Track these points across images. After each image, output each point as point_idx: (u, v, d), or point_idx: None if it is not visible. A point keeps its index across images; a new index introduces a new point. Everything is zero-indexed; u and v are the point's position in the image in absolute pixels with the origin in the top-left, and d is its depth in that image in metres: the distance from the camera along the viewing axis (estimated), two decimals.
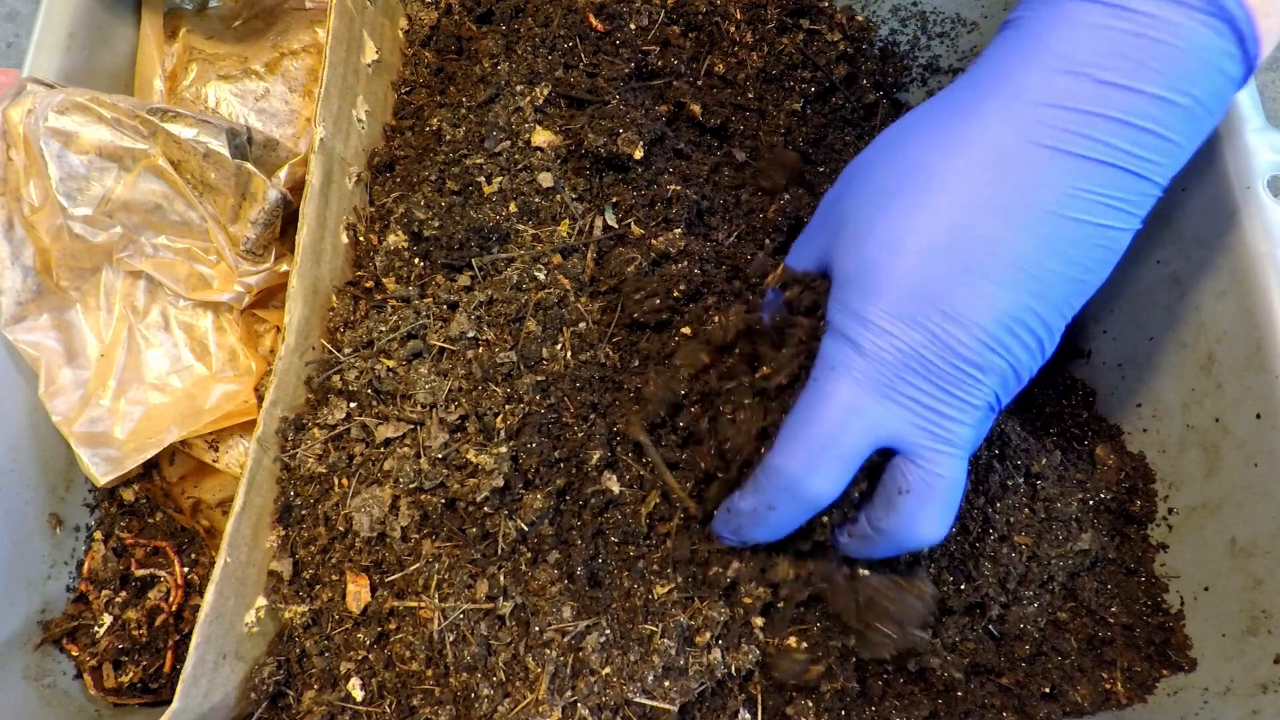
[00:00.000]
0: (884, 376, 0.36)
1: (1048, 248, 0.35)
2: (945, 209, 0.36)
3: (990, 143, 0.36)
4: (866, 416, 0.36)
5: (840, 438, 0.37)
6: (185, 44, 0.63)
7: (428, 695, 0.43)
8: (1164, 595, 0.52)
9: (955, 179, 0.36)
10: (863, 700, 0.46)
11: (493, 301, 0.48)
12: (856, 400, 0.36)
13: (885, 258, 0.36)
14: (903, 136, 0.39)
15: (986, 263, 0.35)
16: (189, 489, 0.58)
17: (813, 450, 0.37)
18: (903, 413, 0.36)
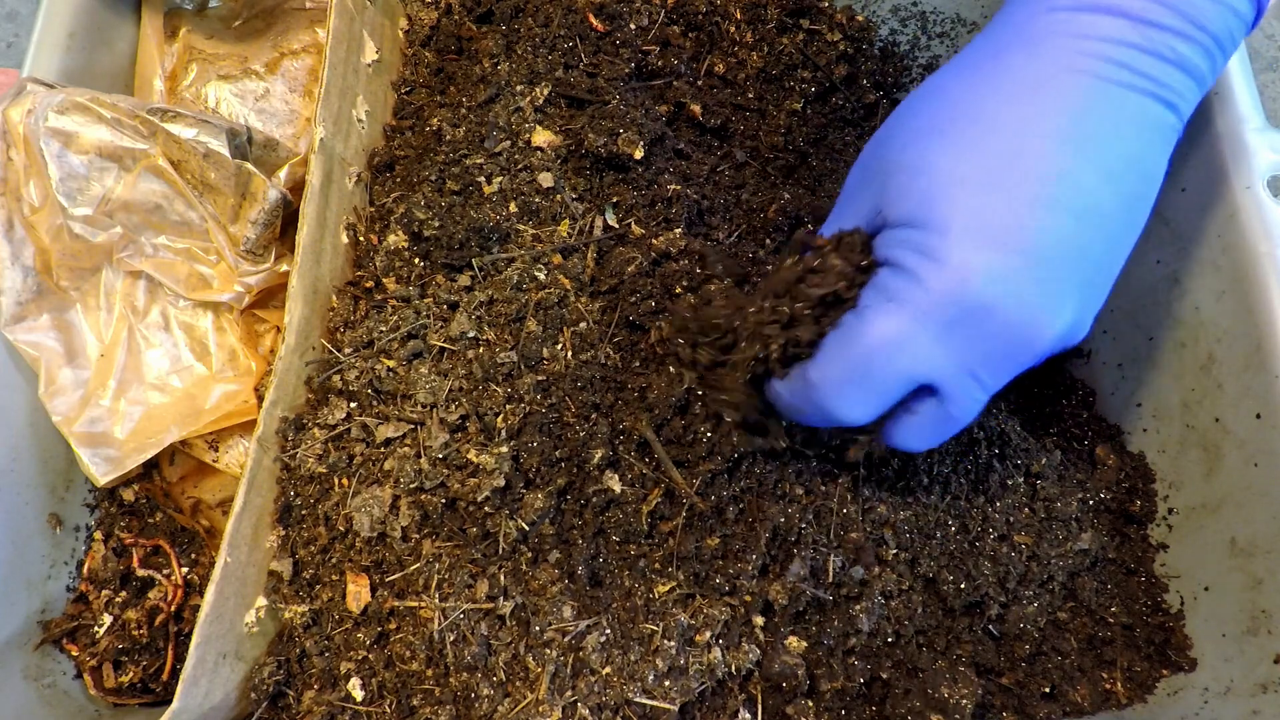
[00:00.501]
0: (945, 314, 0.35)
1: (1099, 173, 0.35)
2: (995, 137, 0.35)
3: (1030, 75, 0.36)
4: (914, 354, 0.35)
5: (881, 372, 0.36)
6: (185, 44, 0.63)
7: (428, 695, 0.43)
8: (1164, 595, 0.52)
9: (1000, 110, 0.36)
10: (863, 700, 0.46)
11: (493, 301, 0.48)
12: (908, 336, 0.35)
13: (944, 191, 0.35)
14: (940, 84, 0.39)
15: (1042, 189, 0.35)
16: (189, 489, 0.58)
17: (849, 379, 0.36)
18: (954, 355, 0.35)
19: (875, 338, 0.35)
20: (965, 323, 0.35)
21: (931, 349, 0.35)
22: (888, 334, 0.35)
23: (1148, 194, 0.37)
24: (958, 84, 0.38)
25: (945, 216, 0.35)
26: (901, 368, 0.36)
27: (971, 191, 0.35)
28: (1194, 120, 0.51)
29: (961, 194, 0.35)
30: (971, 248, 0.34)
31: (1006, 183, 0.35)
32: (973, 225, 0.35)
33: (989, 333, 0.35)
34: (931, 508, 0.48)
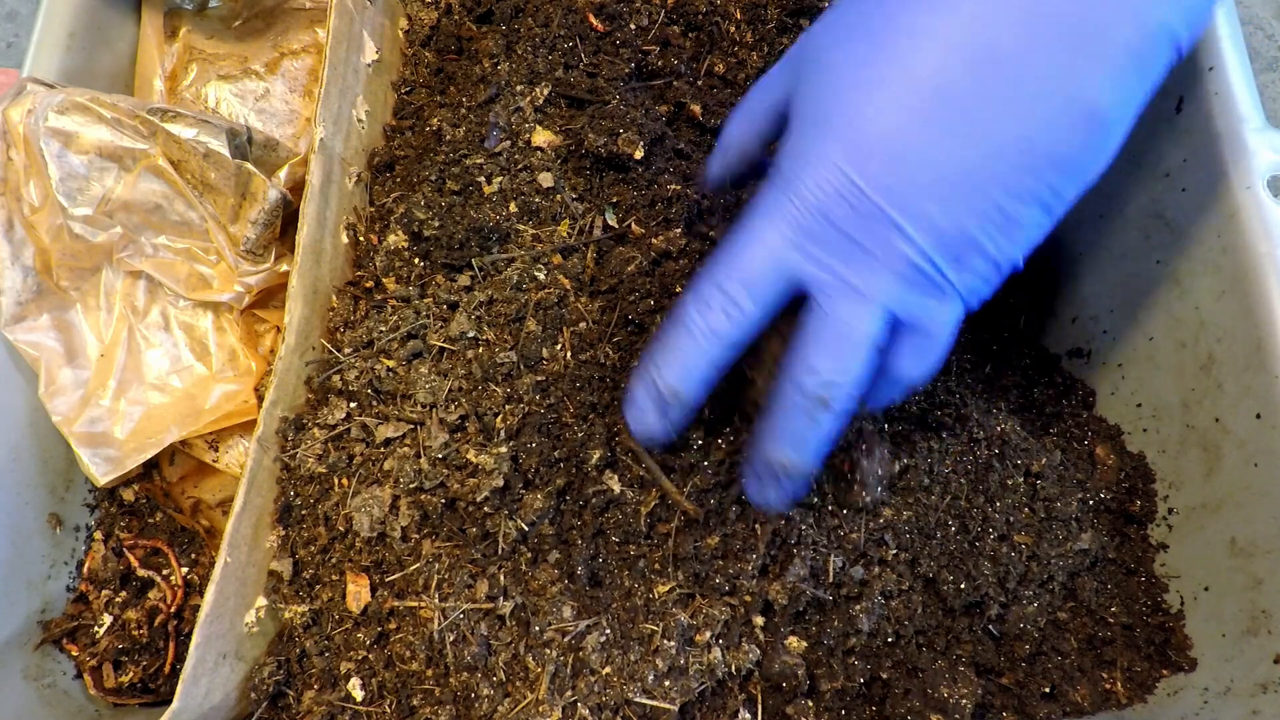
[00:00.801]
0: (802, 218, 0.35)
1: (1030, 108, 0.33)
2: (925, 59, 0.34)
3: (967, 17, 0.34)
4: (777, 254, 0.36)
5: (748, 266, 0.36)
6: (185, 44, 0.63)
7: (428, 695, 0.43)
8: (1164, 595, 0.52)
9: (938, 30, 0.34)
10: (863, 700, 0.46)
11: (493, 301, 0.48)
12: (771, 239, 0.36)
13: (850, 98, 0.35)
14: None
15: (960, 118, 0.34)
16: (189, 489, 0.58)
17: (722, 282, 0.37)
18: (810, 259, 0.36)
19: (744, 234, 0.37)
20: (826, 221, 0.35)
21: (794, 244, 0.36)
22: (755, 229, 0.36)
23: (1099, 137, 0.34)
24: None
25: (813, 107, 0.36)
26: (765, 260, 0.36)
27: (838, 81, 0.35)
28: (1194, 120, 0.51)
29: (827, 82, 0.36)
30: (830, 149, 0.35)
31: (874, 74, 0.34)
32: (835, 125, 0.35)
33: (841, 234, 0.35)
34: (931, 508, 0.48)
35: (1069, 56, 0.33)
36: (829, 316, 0.36)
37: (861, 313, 0.35)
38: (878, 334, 0.36)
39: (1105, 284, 0.59)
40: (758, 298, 0.37)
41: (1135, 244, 0.56)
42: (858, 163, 0.34)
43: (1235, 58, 0.50)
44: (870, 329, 0.36)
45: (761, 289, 0.37)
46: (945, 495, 0.48)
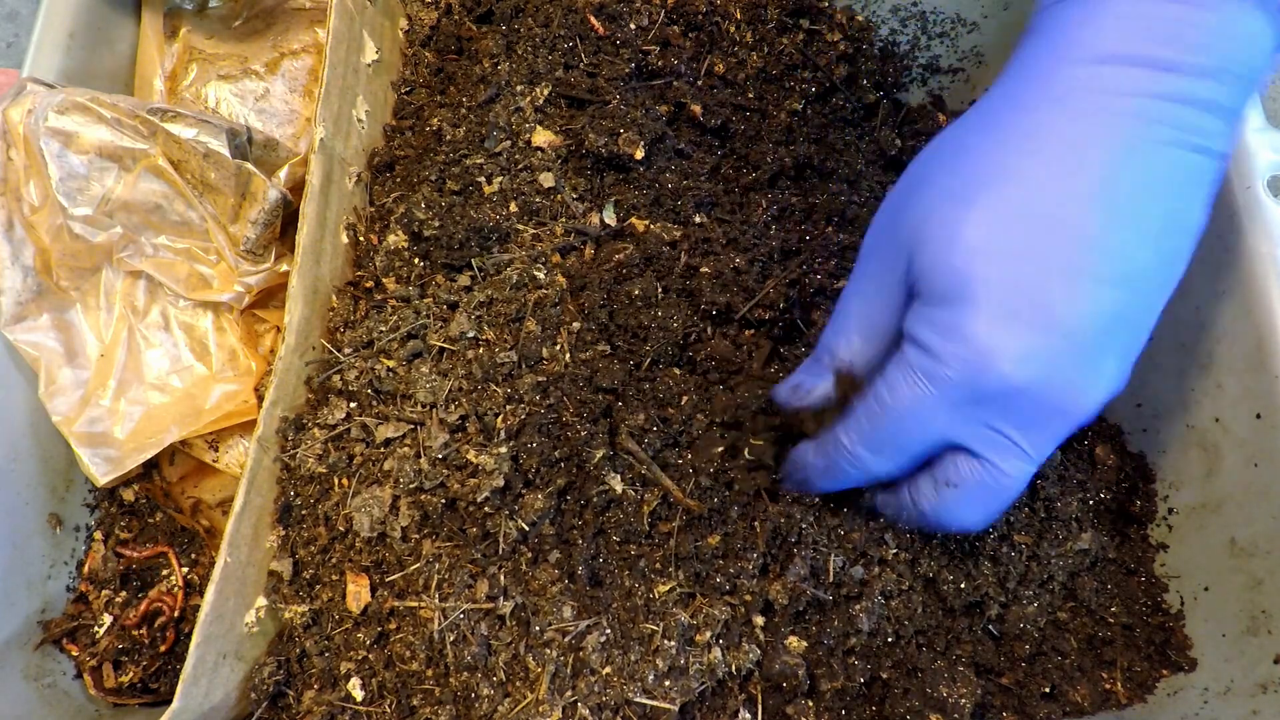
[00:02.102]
0: (970, 395, 0.35)
1: (1138, 236, 0.33)
2: (1026, 203, 0.34)
3: (1056, 134, 0.34)
4: (942, 428, 0.36)
5: (908, 439, 0.37)
6: (185, 44, 0.63)
7: (428, 695, 0.43)
8: (1164, 595, 0.52)
9: (1030, 172, 0.34)
10: (863, 700, 0.46)
11: (493, 301, 0.48)
12: (933, 412, 0.35)
13: (969, 265, 0.34)
14: (960, 141, 0.37)
15: (1079, 258, 0.33)
16: (189, 489, 0.58)
17: (878, 444, 0.37)
18: (984, 427, 0.36)
19: (903, 411, 0.36)
20: (993, 401, 0.35)
21: (959, 424, 0.36)
22: (914, 409, 0.36)
23: (1187, 247, 0.35)
24: (981, 142, 0.36)
25: (971, 293, 0.34)
26: (928, 436, 0.36)
27: (999, 265, 0.34)
28: None
29: (988, 268, 0.34)
30: (999, 327, 0.33)
31: (1038, 254, 0.33)
32: (1000, 302, 0.33)
33: (1020, 408, 0.35)
34: None
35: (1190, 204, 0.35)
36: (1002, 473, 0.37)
37: (1027, 470, 0.37)
38: None
39: None
40: (910, 458, 0.38)
41: None
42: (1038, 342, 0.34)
43: None
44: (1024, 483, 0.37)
45: (916, 451, 0.38)
46: None
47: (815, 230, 0.57)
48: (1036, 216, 0.34)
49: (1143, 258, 0.34)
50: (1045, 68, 0.36)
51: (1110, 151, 0.33)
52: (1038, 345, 0.33)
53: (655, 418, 0.46)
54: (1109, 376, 0.35)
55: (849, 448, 0.39)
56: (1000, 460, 0.36)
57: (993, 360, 0.33)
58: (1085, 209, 0.33)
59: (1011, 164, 0.35)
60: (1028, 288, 0.33)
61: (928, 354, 0.35)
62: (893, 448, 0.37)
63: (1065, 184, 0.34)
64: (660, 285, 0.49)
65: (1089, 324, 0.33)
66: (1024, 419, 0.35)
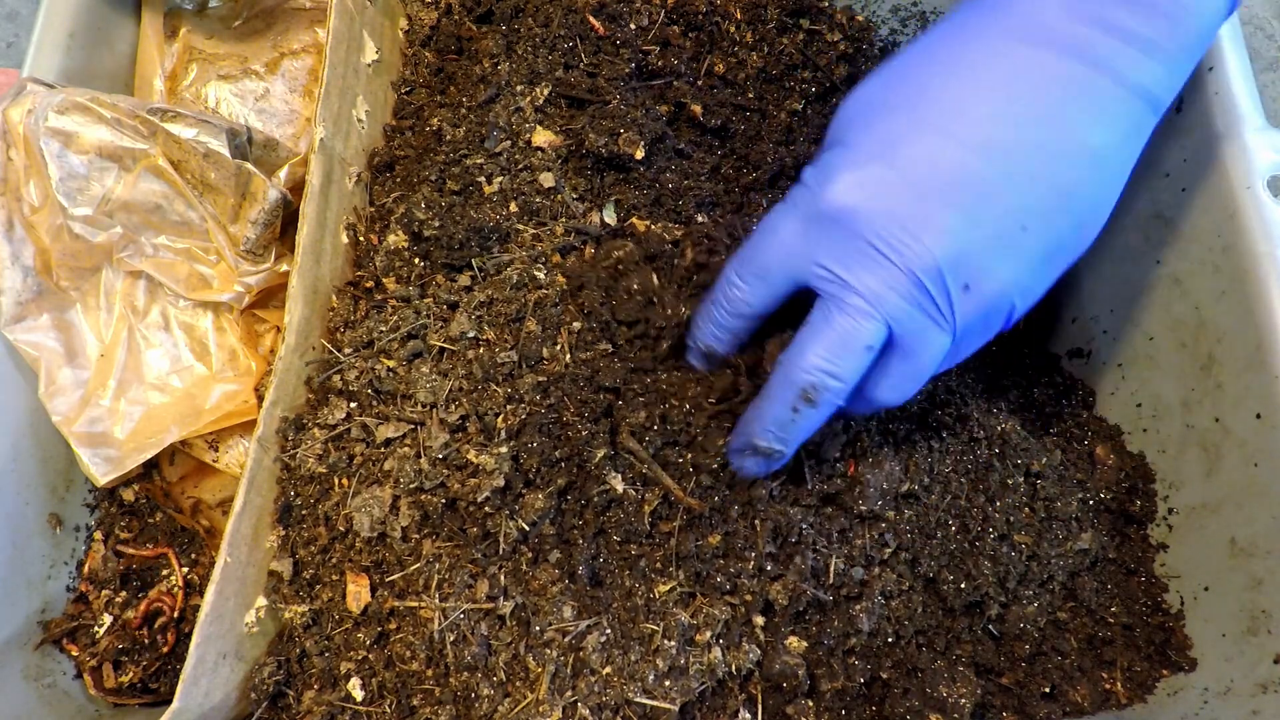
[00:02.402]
0: (816, 213, 0.38)
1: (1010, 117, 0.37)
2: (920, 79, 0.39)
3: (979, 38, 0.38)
4: (789, 246, 0.39)
5: (763, 259, 0.40)
6: (185, 44, 0.63)
7: (428, 695, 0.43)
8: (1164, 595, 0.52)
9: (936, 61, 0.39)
10: (863, 700, 0.46)
11: (493, 301, 0.48)
12: (784, 228, 0.39)
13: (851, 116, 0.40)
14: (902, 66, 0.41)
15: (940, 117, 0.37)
16: (189, 489, 0.58)
17: (748, 264, 0.41)
18: (824, 252, 0.38)
19: (766, 229, 0.40)
20: (836, 224, 0.37)
21: (804, 243, 0.38)
22: (775, 228, 0.39)
23: (1064, 150, 0.37)
24: (908, 50, 0.42)
25: (843, 137, 0.40)
26: (778, 255, 0.39)
27: (871, 115, 0.39)
28: (1194, 120, 0.51)
29: (862, 116, 0.39)
30: (849, 159, 0.38)
31: (908, 110, 0.38)
32: (862, 143, 0.38)
33: (856, 240, 0.37)
34: (932, 507, 0.48)
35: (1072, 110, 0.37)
36: (833, 317, 0.38)
37: (865, 319, 0.37)
38: (875, 344, 0.38)
39: (1105, 284, 0.59)
40: (769, 284, 0.40)
41: (1135, 244, 0.56)
42: (880, 174, 0.37)
43: (1235, 58, 0.50)
44: (870, 337, 0.38)
45: (773, 276, 0.40)
46: (946, 495, 0.48)
47: None
48: (920, 87, 0.39)
49: (1007, 136, 0.37)
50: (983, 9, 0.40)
51: (991, 44, 0.38)
52: (874, 176, 0.37)
53: (656, 416, 0.46)
54: (948, 230, 0.36)
55: (727, 274, 0.42)
56: (837, 293, 0.38)
57: (833, 183, 0.37)
58: (964, 83, 0.38)
59: (922, 58, 0.40)
60: (886, 134, 0.38)
61: (798, 185, 0.40)
62: (757, 271, 0.40)
63: (958, 68, 0.38)
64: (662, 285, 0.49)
65: (928, 169, 0.37)
66: (859, 253, 0.37)
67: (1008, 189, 0.37)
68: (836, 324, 0.37)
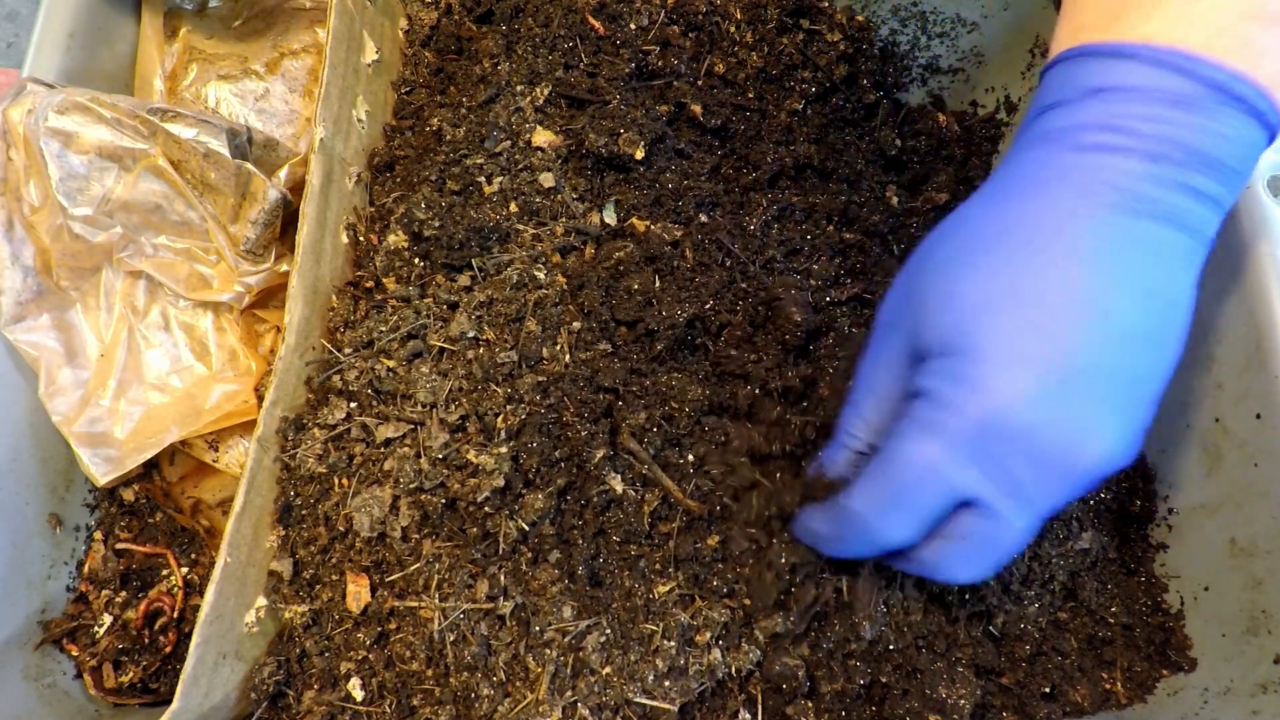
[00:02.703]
0: (979, 437, 0.35)
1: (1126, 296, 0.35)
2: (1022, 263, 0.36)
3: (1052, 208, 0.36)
4: (951, 477, 0.36)
5: (919, 495, 0.37)
6: (185, 44, 0.63)
7: (428, 695, 0.43)
8: (1164, 595, 0.52)
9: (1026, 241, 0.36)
10: (863, 701, 0.46)
11: (493, 301, 0.48)
12: (943, 461, 0.36)
13: (974, 318, 0.36)
14: (965, 216, 0.39)
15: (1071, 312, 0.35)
16: (189, 489, 0.58)
17: (888, 504, 0.37)
18: (993, 475, 0.36)
19: (912, 464, 0.36)
20: (1001, 445, 0.35)
21: (969, 471, 0.36)
22: (924, 460, 0.36)
23: (1174, 315, 0.36)
24: (983, 218, 0.39)
25: (976, 342, 0.36)
26: (940, 489, 0.36)
27: (1001, 316, 0.36)
28: None
29: (991, 319, 0.36)
30: (1004, 371, 0.35)
31: (1036, 307, 0.35)
32: (1004, 348, 0.35)
33: (1027, 454, 0.35)
34: None
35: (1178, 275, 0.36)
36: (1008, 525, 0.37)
37: (1027, 521, 0.37)
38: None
39: None
40: (919, 519, 0.38)
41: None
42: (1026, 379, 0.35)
43: None
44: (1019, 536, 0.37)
45: (923, 512, 0.37)
46: None
47: (816, 230, 0.58)
48: (1032, 277, 0.36)
49: (1129, 319, 0.35)
50: (1038, 155, 0.38)
51: (1097, 224, 0.36)
52: (1039, 386, 0.35)
53: (656, 417, 0.46)
54: (1112, 428, 0.35)
55: (857, 511, 0.38)
56: (1004, 509, 0.36)
57: (998, 400, 0.35)
58: (1074, 270, 0.35)
59: (1009, 234, 0.37)
60: (1026, 336, 0.35)
61: (935, 403, 0.36)
62: (901, 507, 0.37)
63: (1057, 250, 0.36)
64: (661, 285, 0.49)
65: (1086, 368, 0.35)
66: (1026, 463, 0.35)
67: (1144, 372, 0.36)
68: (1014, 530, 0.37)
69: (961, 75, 0.68)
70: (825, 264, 0.55)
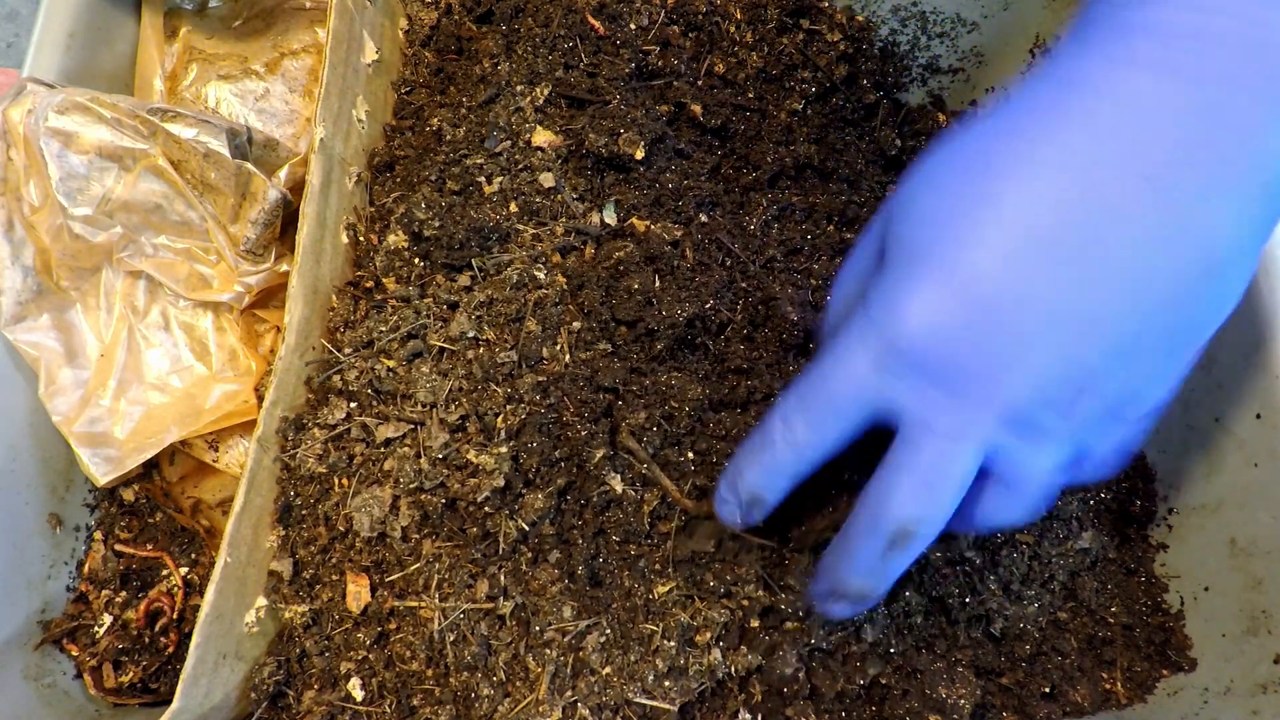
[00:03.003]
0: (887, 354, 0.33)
1: (1142, 251, 0.31)
2: (1024, 205, 0.32)
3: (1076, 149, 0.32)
4: (865, 384, 0.34)
5: (829, 401, 0.35)
6: (185, 44, 0.63)
7: (428, 695, 0.43)
8: (1164, 595, 0.52)
9: (1034, 180, 0.32)
10: (862, 701, 0.46)
11: (493, 301, 0.48)
12: (859, 370, 0.34)
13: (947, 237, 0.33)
14: (964, 142, 0.36)
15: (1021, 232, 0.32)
16: (189, 489, 0.58)
17: (807, 400, 0.36)
18: (896, 389, 0.34)
19: (828, 370, 0.35)
20: (911, 359, 0.33)
21: (879, 377, 0.34)
22: (838, 359, 0.35)
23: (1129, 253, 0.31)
24: (984, 145, 0.35)
25: (908, 256, 0.34)
26: (851, 391, 0.35)
27: (937, 220, 0.33)
28: None
29: (925, 234, 0.34)
30: (918, 285, 0.33)
31: (978, 221, 0.32)
32: (929, 259, 0.33)
33: (933, 372, 0.33)
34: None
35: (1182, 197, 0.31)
36: (919, 453, 0.34)
37: (954, 452, 0.34)
38: (969, 474, 0.34)
39: None
40: (840, 421, 0.36)
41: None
42: (954, 301, 0.32)
43: None
44: (962, 470, 0.34)
45: (846, 413, 0.36)
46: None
47: (816, 230, 0.58)
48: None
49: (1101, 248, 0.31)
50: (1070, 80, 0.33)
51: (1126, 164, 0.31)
52: (948, 302, 0.32)
53: (656, 416, 0.46)
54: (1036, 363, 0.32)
55: (784, 413, 0.37)
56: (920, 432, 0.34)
57: (901, 316, 0.33)
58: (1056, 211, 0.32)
59: (1013, 168, 0.33)
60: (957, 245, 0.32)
61: (866, 312, 0.35)
62: (829, 408, 0.35)
63: (1067, 194, 0.31)
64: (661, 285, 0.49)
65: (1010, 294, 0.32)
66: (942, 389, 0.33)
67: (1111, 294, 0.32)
68: (927, 460, 0.34)
69: (961, 75, 0.68)
70: (825, 264, 0.55)
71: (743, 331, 0.50)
